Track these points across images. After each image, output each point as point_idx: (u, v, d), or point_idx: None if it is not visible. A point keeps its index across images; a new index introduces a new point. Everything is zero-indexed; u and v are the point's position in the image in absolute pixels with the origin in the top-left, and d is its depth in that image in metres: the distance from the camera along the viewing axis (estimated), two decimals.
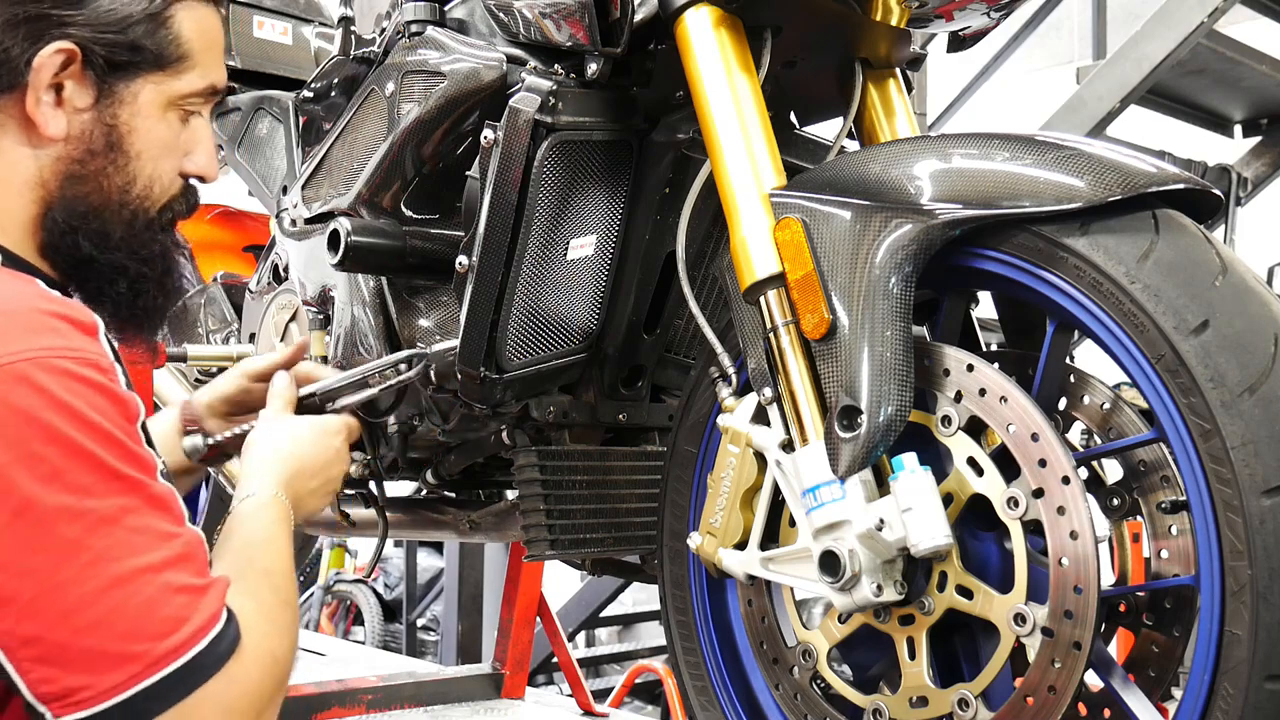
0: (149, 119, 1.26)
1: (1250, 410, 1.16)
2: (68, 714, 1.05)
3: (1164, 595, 1.41)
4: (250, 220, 2.99)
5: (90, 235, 1.25)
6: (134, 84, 1.25)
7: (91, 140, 1.24)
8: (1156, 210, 1.26)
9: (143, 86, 1.25)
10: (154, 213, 1.30)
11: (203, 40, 1.29)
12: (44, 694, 1.05)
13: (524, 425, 1.85)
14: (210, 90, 1.32)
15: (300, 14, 2.86)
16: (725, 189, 1.47)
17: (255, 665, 1.14)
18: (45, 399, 1.06)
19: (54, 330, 1.10)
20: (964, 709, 1.32)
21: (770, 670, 1.53)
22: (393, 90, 1.82)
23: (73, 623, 1.05)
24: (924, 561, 1.35)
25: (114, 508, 1.08)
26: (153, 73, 1.26)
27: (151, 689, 1.06)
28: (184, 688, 1.07)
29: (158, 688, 1.06)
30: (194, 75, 1.29)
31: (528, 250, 1.65)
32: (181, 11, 1.27)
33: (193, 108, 1.31)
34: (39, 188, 1.24)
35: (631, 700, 5.57)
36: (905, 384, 1.32)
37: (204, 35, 1.29)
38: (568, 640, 2.99)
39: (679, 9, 1.52)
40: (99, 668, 1.05)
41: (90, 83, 1.23)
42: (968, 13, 1.62)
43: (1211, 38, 4.38)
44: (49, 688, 1.05)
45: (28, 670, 1.05)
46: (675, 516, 1.66)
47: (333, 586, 8.27)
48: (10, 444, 1.04)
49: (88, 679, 1.05)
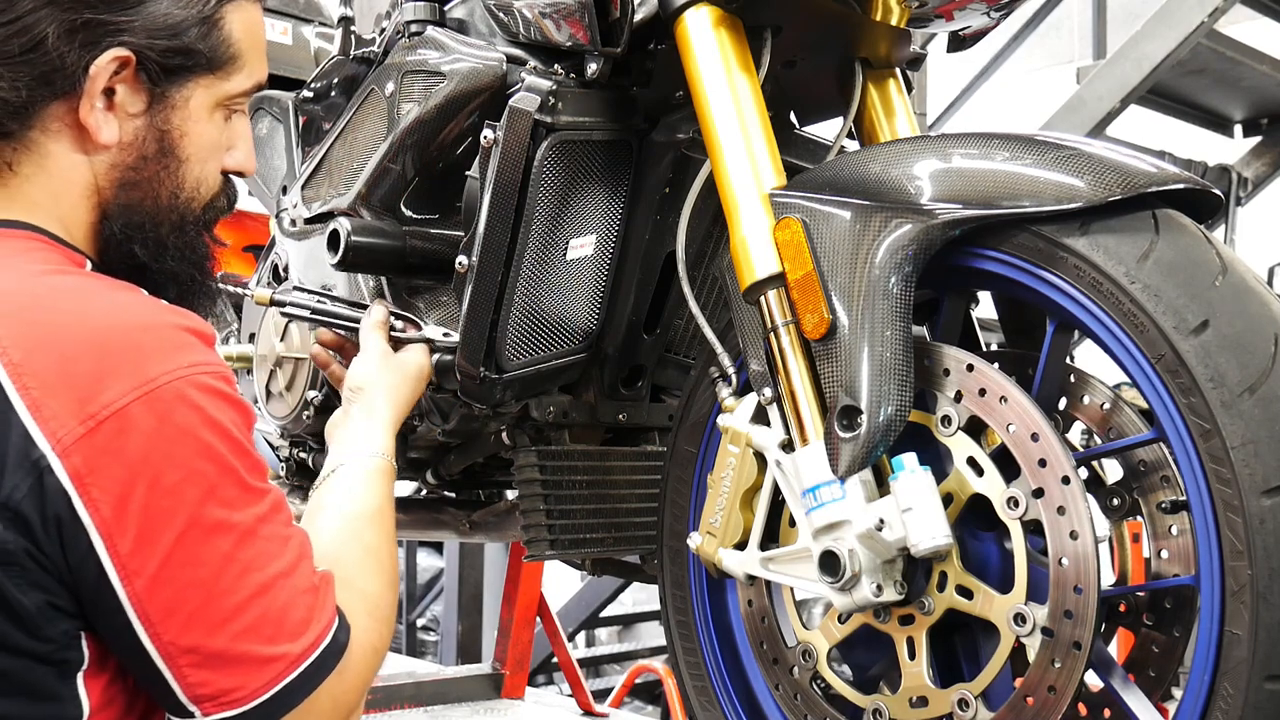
0: (199, 122, 1.26)
1: (1250, 410, 1.16)
2: (217, 712, 1.11)
3: (1164, 595, 1.41)
4: (250, 220, 2.99)
5: (146, 244, 1.26)
6: (186, 88, 1.24)
7: (144, 146, 1.23)
8: (1156, 210, 1.26)
9: (194, 90, 1.25)
10: (199, 212, 1.30)
11: (250, 39, 1.29)
12: (198, 695, 1.11)
13: (524, 425, 1.85)
14: (258, 87, 1.32)
15: (300, 14, 2.86)
16: (725, 189, 1.47)
17: (360, 658, 1.21)
18: (201, 417, 1.10)
19: (191, 346, 1.12)
20: (964, 709, 1.32)
21: (770, 670, 1.53)
22: (392, 90, 1.82)
23: (229, 630, 1.10)
24: (924, 561, 1.35)
25: (252, 518, 1.13)
26: (204, 75, 1.25)
27: (290, 686, 1.13)
28: (311, 684, 1.15)
29: (293, 684, 1.13)
30: (242, 75, 1.29)
31: (527, 250, 1.65)
32: (231, 12, 1.26)
33: (238, 106, 1.31)
34: (95, 194, 1.23)
35: (631, 700, 5.57)
36: (905, 384, 1.32)
37: (251, 34, 1.29)
38: (568, 640, 2.99)
39: (679, 9, 1.52)
40: (250, 670, 1.11)
41: (143, 88, 1.22)
42: (968, 13, 1.62)
43: (1212, 37, 4.38)
44: (204, 690, 1.11)
45: (185, 675, 1.10)
46: (675, 516, 1.66)
47: None
48: (178, 463, 1.08)
49: (240, 680, 1.11)
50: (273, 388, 2.18)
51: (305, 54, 2.82)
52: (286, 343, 2.14)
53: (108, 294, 1.15)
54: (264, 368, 2.19)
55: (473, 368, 1.66)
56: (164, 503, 1.07)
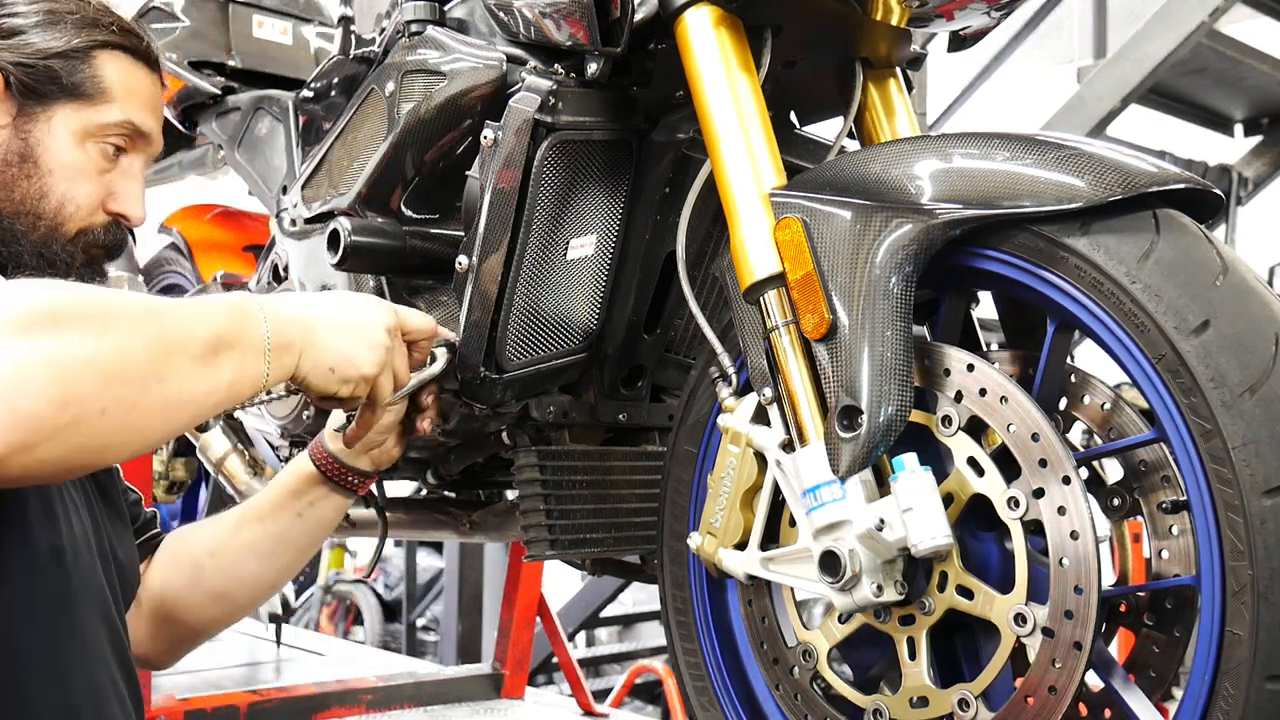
0: (61, 141, 1.41)
1: (1251, 410, 1.15)
2: None
3: (1165, 595, 1.41)
4: (250, 220, 2.99)
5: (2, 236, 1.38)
6: (50, 108, 1.41)
7: (7, 151, 1.39)
8: (1157, 210, 1.26)
9: (56, 111, 1.41)
10: (69, 232, 1.42)
11: (124, 86, 1.45)
12: None
13: (524, 425, 1.85)
14: (130, 128, 1.45)
15: (300, 14, 2.86)
16: (725, 189, 1.47)
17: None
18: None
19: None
20: (964, 709, 1.32)
21: (770, 670, 1.53)
22: (392, 90, 1.82)
23: None
24: (924, 561, 1.35)
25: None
26: (68, 101, 1.41)
27: None
28: None
29: None
30: (110, 109, 1.43)
31: (527, 250, 1.65)
32: (103, 56, 1.44)
33: (114, 143, 1.44)
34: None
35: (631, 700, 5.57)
36: (905, 384, 1.32)
37: (125, 83, 1.45)
38: (568, 640, 2.99)
39: (679, 9, 1.52)
40: None
41: (11, 103, 1.40)
42: (968, 12, 1.62)
43: (1212, 37, 4.38)
44: None
45: None
46: (675, 516, 1.66)
47: (332, 586, 8.27)
48: None
49: None
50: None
51: (305, 54, 2.82)
52: None
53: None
54: None
55: (473, 368, 1.66)
56: None
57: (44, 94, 1.41)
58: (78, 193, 1.42)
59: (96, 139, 1.43)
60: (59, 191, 1.41)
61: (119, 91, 1.44)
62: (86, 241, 1.44)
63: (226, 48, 2.71)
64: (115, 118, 1.44)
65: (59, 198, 1.41)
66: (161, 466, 2.92)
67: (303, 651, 3.42)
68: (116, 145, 1.45)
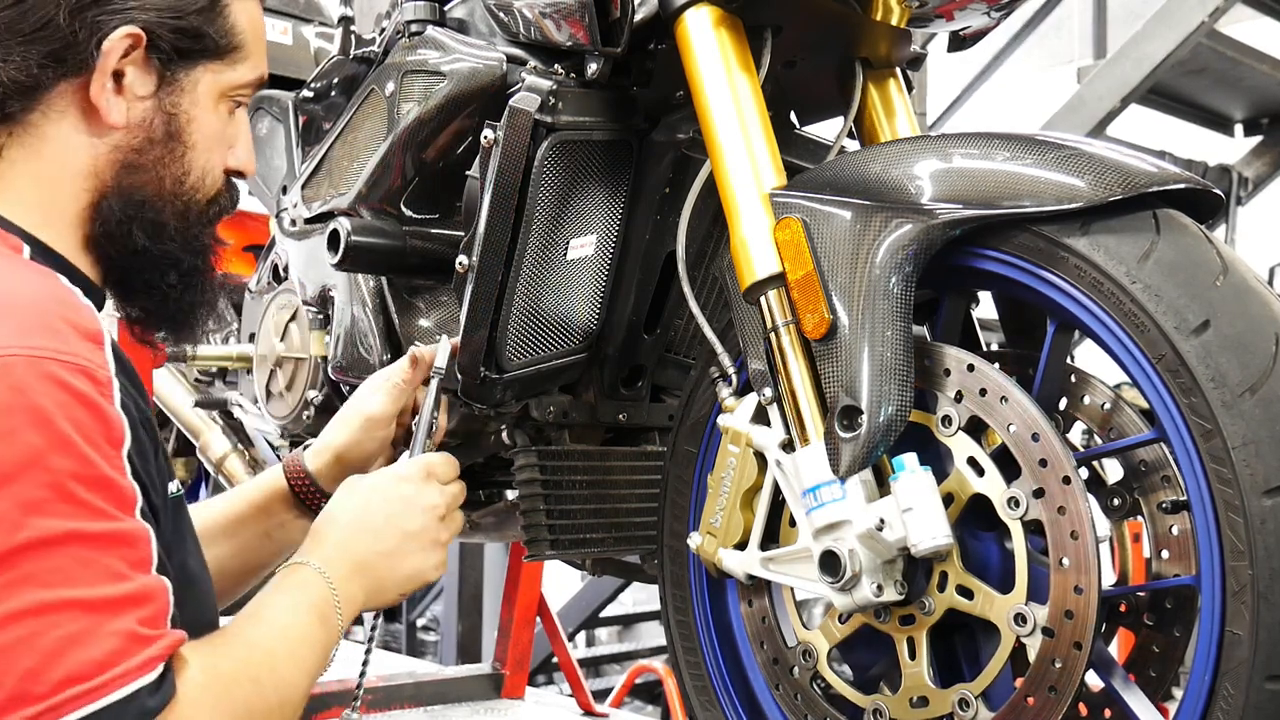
0: (205, 109, 1.25)
1: (1251, 410, 1.15)
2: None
3: (1165, 595, 1.41)
4: (250, 220, 2.99)
5: (145, 225, 1.22)
6: (194, 72, 1.23)
7: (151, 129, 1.21)
8: (1157, 210, 1.26)
9: (202, 75, 1.24)
10: (203, 205, 1.27)
11: (253, 31, 1.28)
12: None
13: (524, 425, 1.85)
14: (259, 81, 1.30)
15: (300, 14, 2.86)
16: (725, 189, 1.47)
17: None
18: (18, 399, 0.98)
19: (54, 331, 1.03)
20: (964, 709, 1.32)
21: (770, 670, 1.53)
22: (393, 90, 1.82)
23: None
24: (924, 561, 1.35)
25: (60, 531, 0.97)
26: (212, 61, 1.24)
27: None
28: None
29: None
30: (246, 66, 1.27)
31: (528, 250, 1.64)
32: (235, 2, 1.25)
33: (242, 99, 1.29)
34: (93, 177, 1.20)
35: (631, 700, 5.57)
36: (905, 384, 1.32)
37: (254, 26, 1.28)
38: (568, 640, 2.99)
39: (679, 9, 1.52)
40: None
41: (153, 69, 1.20)
42: (968, 12, 1.62)
43: (1212, 37, 4.39)
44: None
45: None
46: (675, 516, 1.66)
47: None
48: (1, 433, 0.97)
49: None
50: (273, 388, 2.18)
51: (305, 54, 2.82)
52: (287, 343, 2.14)
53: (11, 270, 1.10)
54: (264, 368, 2.19)
55: (473, 368, 1.66)
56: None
57: (190, 55, 1.21)
58: (214, 163, 1.27)
59: (229, 99, 1.27)
60: (199, 165, 1.25)
61: (250, 40, 1.27)
62: (216, 210, 1.29)
63: None
64: (253, 74, 1.28)
65: (199, 171, 1.25)
66: None
67: None
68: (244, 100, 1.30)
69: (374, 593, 1.28)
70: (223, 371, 2.54)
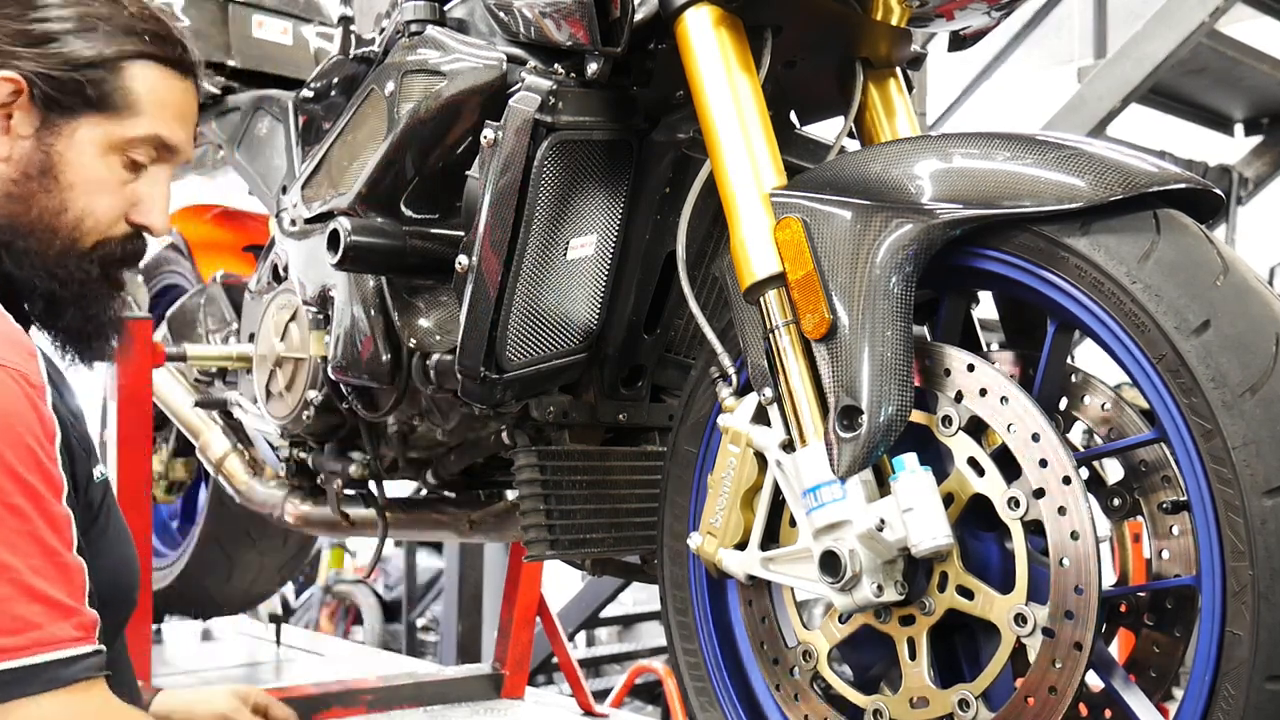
0: (85, 155, 1.36)
1: (1252, 410, 1.15)
2: None
3: (1165, 595, 1.41)
4: (250, 220, 2.99)
5: (12, 252, 1.34)
6: (73, 121, 1.35)
7: (28, 164, 1.34)
8: (1157, 210, 1.26)
9: (80, 124, 1.36)
10: (85, 245, 1.38)
11: (153, 98, 1.39)
12: None
13: (524, 425, 1.85)
14: (157, 141, 1.40)
15: (300, 14, 2.86)
16: (725, 189, 1.47)
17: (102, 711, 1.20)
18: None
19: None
20: (964, 709, 1.32)
21: (770, 671, 1.53)
22: (392, 90, 1.82)
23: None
24: (924, 562, 1.35)
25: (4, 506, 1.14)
26: (92, 114, 1.36)
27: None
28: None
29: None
30: (138, 123, 1.38)
31: (528, 250, 1.64)
32: (136, 67, 1.38)
33: (139, 157, 1.39)
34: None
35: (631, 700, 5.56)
36: (906, 384, 1.32)
37: (155, 95, 1.39)
38: (568, 640, 2.99)
39: (679, 8, 1.52)
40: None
41: (35, 113, 1.34)
42: (968, 12, 1.62)
43: (1212, 37, 4.38)
44: None
45: None
46: (675, 516, 1.66)
47: (332, 587, 8.27)
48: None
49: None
50: (273, 388, 2.18)
51: (305, 54, 2.82)
52: (287, 343, 2.14)
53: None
54: (264, 368, 2.19)
55: (473, 368, 1.66)
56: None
57: (68, 106, 1.35)
58: (98, 206, 1.38)
59: (121, 152, 1.38)
60: (78, 206, 1.36)
61: (148, 104, 1.38)
62: (103, 254, 1.40)
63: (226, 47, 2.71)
64: (141, 131, 1.38)
65: (78, 212, 1.36)
66: (161, 466, 2.92)
67: (302, 652, 3.42)
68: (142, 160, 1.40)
69: None
70: (223, 371, 2.54)
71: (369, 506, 2.21)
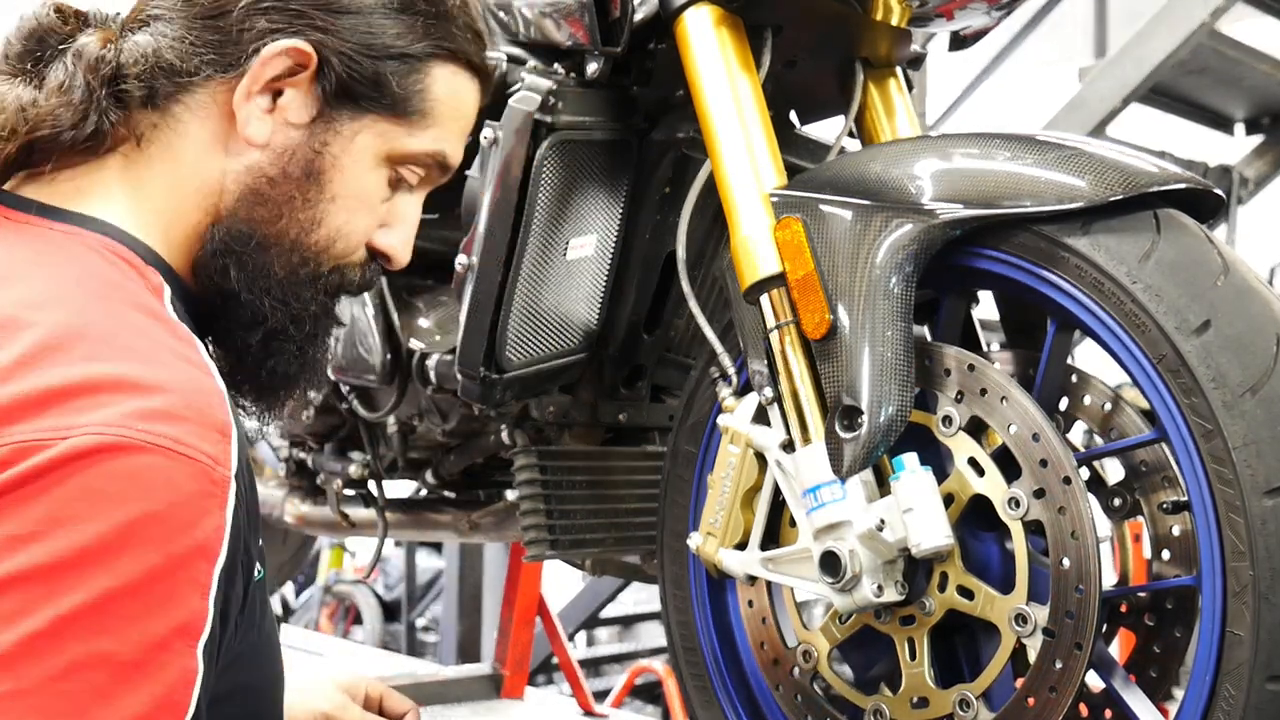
0: (360, 164, 1.11)
1: (1252, 410, 1.15)
2: None
3: (1165, 596, 1.41)
4: None
5: (246, 267, 1.08)
6: (359, 119, 1.10)
7: (290, 161, 1.08)
8: (1158, 210, 1.26)
9: (368, 126, 1.11)
10: (324, 270, 1.12)
11: (451, 107, 1.15)
12: None
13: (524, 425, 1.85)
14: (439, 160, 1.16)
15: None
16: (725, 189, 1.47)
17: None
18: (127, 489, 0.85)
19: (187, 419, 0.89)
20: (965, 709, 1.31)
21: (771, 671, 1.53)
22: None
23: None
24: (925, 562, 1.35)
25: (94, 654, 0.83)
26: (385, 116, 1.11)
27: None
28: None
29: None
30: (426, 136, 1.14)
31: (528, 250, 1.64)
32: (443, 69, 1.13)
33: (409, 174, 1.15)
34: (216, 195, 1.08)
35: (631, 700, 5.56)
36: (906, 384, 1.32)
37: (454, 103, 1.15)
38: (568, 640, 2.99)
39: (679, 8, 1.51)
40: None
41: (315, 100, 1.08)
42: (968, 12, 1.62)
43: (1213, 37, 4.38)
44: None
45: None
46: (675, 516, 1.66)
47: (332, 587, 8.27)
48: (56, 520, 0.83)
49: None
50: None
51: None
52: None
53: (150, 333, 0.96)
54: None
55: (473, 368, 1.66)
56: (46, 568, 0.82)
57: (361, 99, 1.09)
58: (354, 227, 1.12)
59: (394, 165, 1.13)
60: (334, 224, 1.11)
61: (444, 115, 1.14)
62: (337, 282, 1.14)
63: None
64: (428, 146, 1.14)
65: (331, 231, 1.11)
66: None
67: (302, 652, 3.42)
68: (410, 177, 1.16)
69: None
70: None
71: (369, 506, 2.21)
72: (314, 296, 1.12)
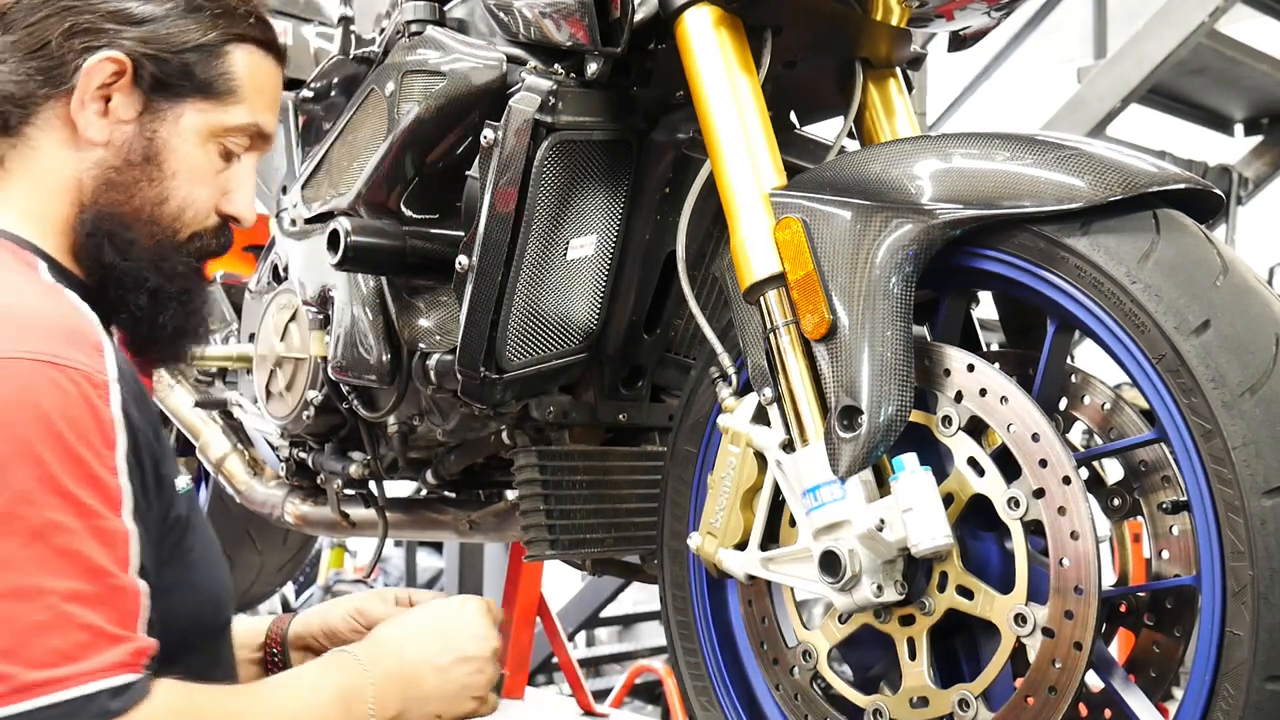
0: (188, 143, 1.32)
1: (1251, 410, 1.15)
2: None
3: (1165, 595, 1.41)
4: None
5: (116, 242, 1.29)
6: (178, 106, 1.31)
7: (130, 151, 1.29)
8: (1157, 210, 1.26)
9: (185, 110, 1.31)
10: (182, 236, 1.33)
11: (253, 83, 1.35)
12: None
13: (524, 425, 1.85)
14: (255, 131, 1.36)
15: (300, 14, 2.86)
16: (725, 189, 1.47)
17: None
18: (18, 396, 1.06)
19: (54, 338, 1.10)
20: (964, 709, 1.32)
21: (770, 670, 1.53)
22: (392, 90, 1.82)
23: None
24: (924, 562, 1.35)
25: (44, 522, 1.03)
26: (199, 99, 1.31)
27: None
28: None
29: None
30: (239, 110, 1.34)
31: (528, 250, 1.64)
32: (238, 51, 1.34)
33: (234, 146, 1.35)
34: (75, 190, 1.29)
35: (631, 700, 5.56)
36: (906, 384, 1.32)
37: (255, 79, 1.36)
38: (568, 640, 2.99)
39: (679, 8, 1.52)
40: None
41: (138, 96, 1.29)
42: (968, 12, 1.62)
43: (1212, 37, 4.38)
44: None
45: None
46: (675, 516, 1.66)
47: (332, 586, 8.26)
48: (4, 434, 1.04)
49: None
50: (273, 388, 2.18)
51: (305, 54, 2.82)
52: (286, 343, 2.14)
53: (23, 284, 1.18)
54: (264, 368, 2.19)
55: (473, 368, 1.66)
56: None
57: (175, 89, 1.30)
58: (197, 197, 1.33)
59: (219, 139, 1.34)
60: (180, 196, 1.31)
61: (249, 90, 1.34)
62: (198, 247, 1.35)
63: None
64: (242, 120, 1.34)
65: (179, 203, 1.31)
66: None
67: None
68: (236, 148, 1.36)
69: (415, 701, 1.29)
70: (223, 371, 2.54)
71: (369, 506, 2.21)
72: (180, 259, 1.33)
